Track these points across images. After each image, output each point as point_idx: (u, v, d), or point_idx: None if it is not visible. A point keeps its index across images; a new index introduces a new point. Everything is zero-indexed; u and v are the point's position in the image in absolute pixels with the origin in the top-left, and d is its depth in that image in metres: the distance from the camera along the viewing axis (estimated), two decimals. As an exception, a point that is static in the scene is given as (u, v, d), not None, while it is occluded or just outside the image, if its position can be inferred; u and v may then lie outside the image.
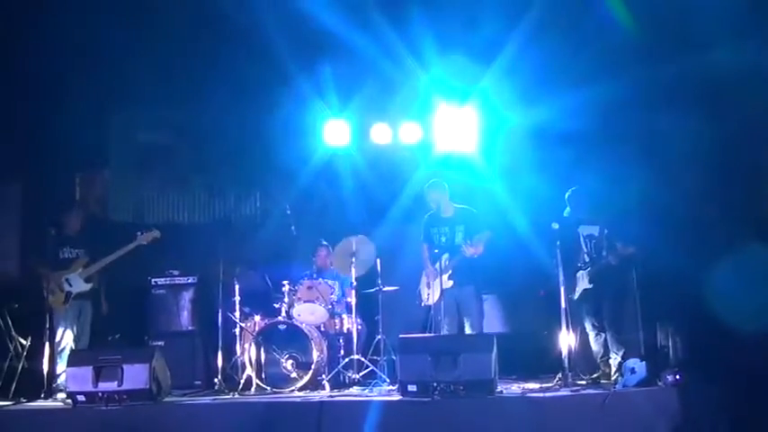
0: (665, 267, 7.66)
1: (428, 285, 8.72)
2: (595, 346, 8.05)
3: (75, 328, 8.50)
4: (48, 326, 8.26)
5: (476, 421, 6.68)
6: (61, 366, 8.15)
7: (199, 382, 8.88)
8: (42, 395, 7.97)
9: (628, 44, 8.15)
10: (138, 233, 8.60)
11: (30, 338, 8.55)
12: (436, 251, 8.41)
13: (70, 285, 8.49)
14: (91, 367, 7.33)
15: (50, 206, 9.21)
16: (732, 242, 7.40)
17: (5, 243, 9.32)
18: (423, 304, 8.81)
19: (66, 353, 8.24)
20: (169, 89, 9.32)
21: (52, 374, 8.18)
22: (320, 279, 8.99)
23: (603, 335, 8.03)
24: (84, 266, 8.56)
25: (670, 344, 7.64)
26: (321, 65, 9.19)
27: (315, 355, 8.23)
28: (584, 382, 7.52)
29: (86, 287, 8.56)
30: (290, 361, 8.28)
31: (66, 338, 8.41)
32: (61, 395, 7.83)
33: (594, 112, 8.53)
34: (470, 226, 8.55)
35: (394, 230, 9.62)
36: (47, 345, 8.19)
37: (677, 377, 6.97)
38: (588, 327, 8.10)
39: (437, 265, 8.39)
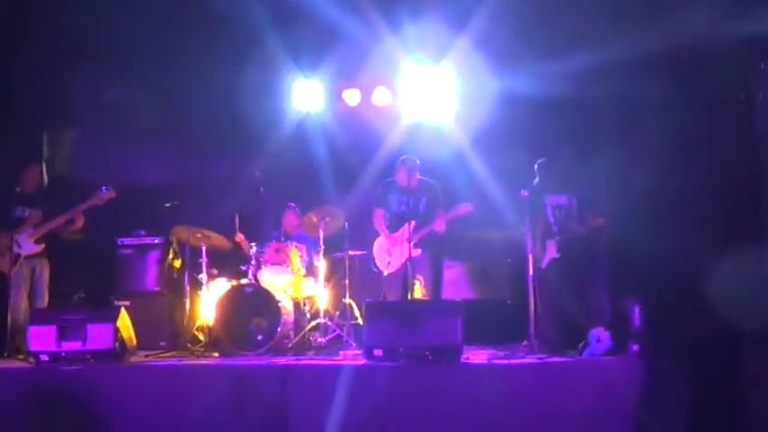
0: (633, 238, 7.66)
1: (388, 253, 8.70)
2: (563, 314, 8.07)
3: (28, 288, 8.42)
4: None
5: (442, 387, 6.69)
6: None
7: (164, 344, 8.83)
8: (5, 354, 7.95)
9: (606, 9, 8.10)
10: (94, 193, 8.49)
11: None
12: (405, 217, 8.40)
13: (19, 247, 8.37)
14: (54, 326, 7.25)
15: (17, 165, 9.05)
16: (701, 217, 7.41)
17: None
18: (385, 272, 8.74)
19: (23, 313, 8.19)
20: (138, 47, 9.18)
21: (13, 333, 8.13)
22: (288, 242, 8.94)
23: (571, 303, 8.04)
24: (34, 226, 8.45)
25: (636, 314, 7.65)
26: (292, 27, 9.08)
27: (281, 318, 8.19)
28: (549, 350, 7.53)
29: (37, 248, 8.45)
30: (256, 324, 8.24)
31: (21, 298, 8.34)
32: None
33: (570, 80, 8.47)
34: (433, 198, 8.63)
35: (364, 195, 9.56)
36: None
37: (640, 347, 7.01)
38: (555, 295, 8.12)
39: (401, 232, 8.43)
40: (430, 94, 9.63)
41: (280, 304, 8.24)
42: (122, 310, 7.50)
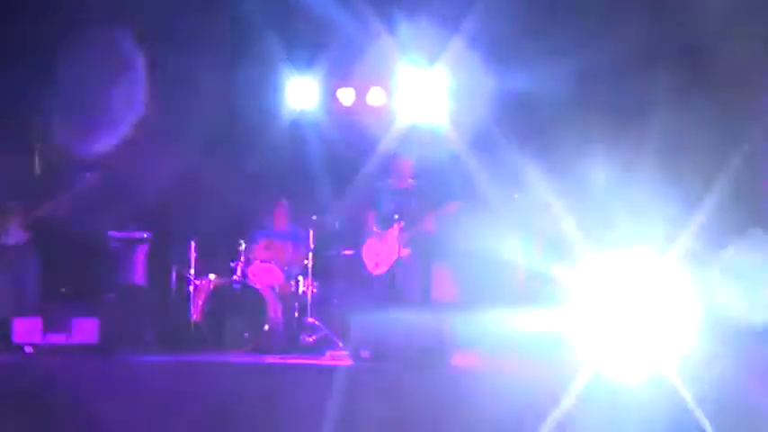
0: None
1: (377, 254, 8.67)
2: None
3: (14, 278, 8.37)
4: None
5: (428, 390, 6.64)
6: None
7: (150, 339, 8.77)
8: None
9: (602, 7, 8.08)
10: (79, 180, 8.45)
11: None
12: (396, 217, 8.38)
13: (7, 236, 8.33)
14: (39, 319, 7.24)
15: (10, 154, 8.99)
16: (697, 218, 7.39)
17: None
18: (374, 273, 8.70)
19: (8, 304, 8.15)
20: (132, 41, 9.16)
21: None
22: (277, 239, 8.90)
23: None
24: (22, 215, 8.40)
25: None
26: (287, 24, 9.06)
27: (269, 316, 8.15)
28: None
29: (24, 237, 8.40)
30: (244, 321, 8.20)
31: (6, 288, 8.29)
32: None
33: (565, 79, 8.44)
34: (423, 198, 8.60)
35: (357, 195, 9.51)
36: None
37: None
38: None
39: (391, 233, 8.40)
40: (425, 95, 9.60)
41: (267, 302, 8.20)
42: None
